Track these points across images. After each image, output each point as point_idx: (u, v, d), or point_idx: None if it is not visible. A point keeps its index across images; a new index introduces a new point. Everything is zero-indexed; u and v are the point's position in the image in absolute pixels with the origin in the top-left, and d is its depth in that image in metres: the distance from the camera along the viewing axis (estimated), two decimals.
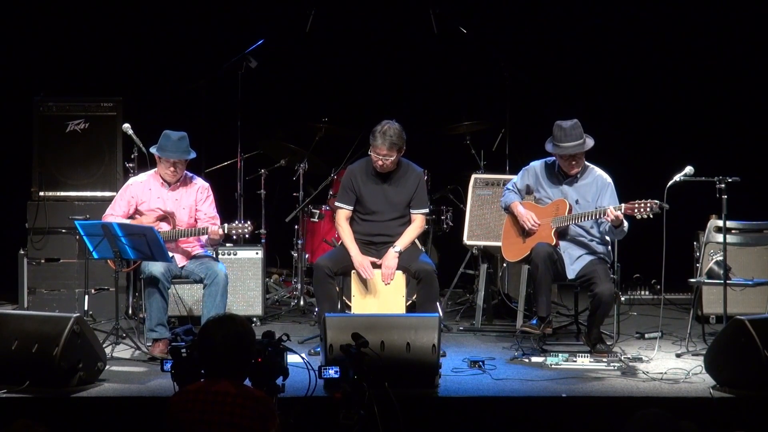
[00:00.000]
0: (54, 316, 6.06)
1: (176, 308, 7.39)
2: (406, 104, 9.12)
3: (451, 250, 8.44)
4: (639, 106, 9.41)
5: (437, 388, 5.81)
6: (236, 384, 4.12)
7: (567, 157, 6.67)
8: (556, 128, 6.66)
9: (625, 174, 7.24)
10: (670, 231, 6.47)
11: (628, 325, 7.54)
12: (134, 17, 9.05)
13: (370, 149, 6.85)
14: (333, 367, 4.82)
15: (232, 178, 8.41)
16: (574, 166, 6.71)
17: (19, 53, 8.92)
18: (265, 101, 9.20)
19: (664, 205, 6.34)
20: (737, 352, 5.72)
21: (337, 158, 8.44)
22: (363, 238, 6.91)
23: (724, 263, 6.74)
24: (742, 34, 9.14)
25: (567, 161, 6.69)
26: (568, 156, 6.66)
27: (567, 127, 6.62)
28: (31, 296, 7.89)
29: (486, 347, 6.95)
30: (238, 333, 4.18)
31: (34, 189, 7.94)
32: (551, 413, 5.63)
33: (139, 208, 6.91)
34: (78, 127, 7.97)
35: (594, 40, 9.27)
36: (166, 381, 5.29)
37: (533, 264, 6.62)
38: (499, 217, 7.44)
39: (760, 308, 7.26)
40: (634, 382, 6.00)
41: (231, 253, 7.81)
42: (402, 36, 9.26)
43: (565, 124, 6.64)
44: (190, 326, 6.95)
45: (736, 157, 8.60)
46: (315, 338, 6.89)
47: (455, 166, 8.72)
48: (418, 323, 5.89)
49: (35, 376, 5.68)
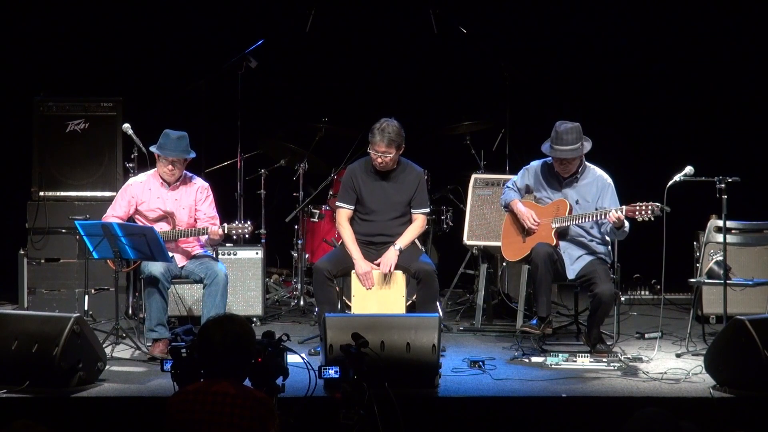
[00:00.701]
0: (54, 316, 6.06)
1: (176, 308, 7.39)
2: (406, 104, 9.12)
3: (451, 250, 8.44)
4: (639, 106, 9.41)
5: (437, 388, 5.81)
6: (236, 384, 4.12)
7: (559, 159, 6.68)
8: (553, 130, 6.66)
9: (625, 174, 7.25)
10: (670, 231, 6.47)
11: (628, 325, 7.54)
12: (134, 17, 9.05)
13: (369, 147, 6.85)
14: (333, 367, 4.82)
15: (232, 178, 8.41)
16: (566, 170, 6.71)
17: (19, 53, 8.92)
18: (265, 101, 9.20)
19: (665, 208, 6.34)
20: (737, 352, 5.72)
21: (337, 158, 8.44)
22: (363, 238, 6.91)
23: (724, 263, 6.74)
24: (742, 34, 9.14)
25: (558, 163, 6.71)
26: (561, 159, 6.67)
27: (562, 131, 6.61)
28: (31, 296, 7.89)
29: (486, 347, 6.95)
30: (238, 333, 4.18)
31: (34, 189, 7.93)
32: (551, 413, 5.63)
33: (139, 208, 6.91)
34: (78, 127, 7.97)
35: (594, 40, 9.27)
36: (166, 381, 5.29)
37: (533, 264, 6.62)
38: (499, 217, 7.44)
39: (760, 308, 7.25)
40: (634, 382, 6.00)
41: (231, 253, 7.81)
42: (402, 36, 9.26)
43: (561, 128, 6.62)
44: (190, 326, 6.94)
45: (736, 157, 8.60)
46: (315, 338, 6.89)
47: (455, 166, 8.72)
48: (418, 323, 5.89)
49: (35, 376, 5.68)
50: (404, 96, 9.33)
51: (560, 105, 9.06)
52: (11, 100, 8.71)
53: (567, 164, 6.69)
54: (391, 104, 8.83)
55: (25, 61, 8.91)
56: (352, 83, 9.40)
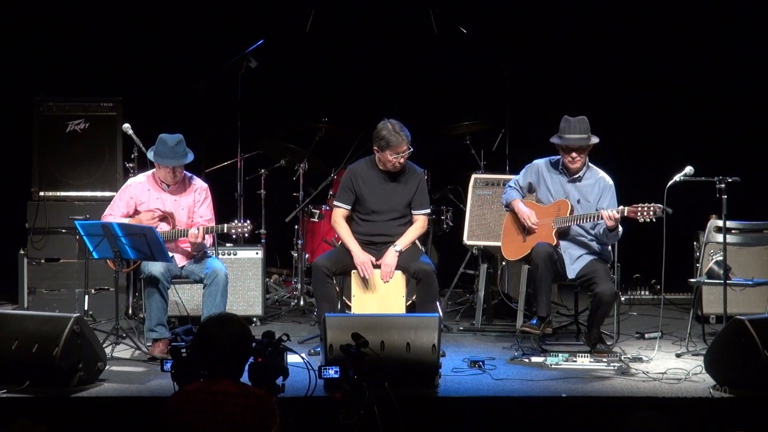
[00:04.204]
0: (54, 316, 6.06)
1: (176, 308, 7.38)
2: (406, 104, 9.11)
3: (451, 250, 8.44)
4: (639, 106, 9.41)
5: (437, 388, 5.81)
6: (237, 383, 4.13)
7: (569, 150, 6.67)
8: (563, 121, 6.70)
9: (625, 174, 7.25)
10: (670, 231, 6.47)
11: (628, 325, 7.54)
12: (134, 17, 9.04)
13: (381, 155, 6.77)
14: (333, 367, 4.82)
15: (232, 178, 8.41)
16: (576, 162, 6.70)
17: (19, 53, 8.92)
18: (265, 101, 9.20)
19: (667, 210, 6.34)
20: (737, 352, 5.72)
21: (337, 158, 8.44)
22: (363, 239, 6.90)
23: (724, 263, 6.74)
24: (742, 34, 9.14)
25: (569, 154, 6.69)
26: (570, 149, 6.66)
27: (573, 120, 6.66)
28: (31, 296, 7.89)
29: (486, 347, 6.95)
30: (239, 332, 4.19)
31: (34, 189, 7.93)
32: (551, 413, 5.63)
33: (138, 208, 6.91)
34: (78, 127, 7.97)
35: (594, 40, 9.27)
36: (166, 381, 5.29)
37: (533, 264, 6.62)
38: (499, 217, 7.44)
39: (760, 308, 7.25)
40: (634, 382, 6.00)
41: (231, 253, 7.81)
42: (402, 36, 9.26)
43: (572, 118, 6.68)
44: (190, 326, 6.95)
45: (736, 157, 8.60)
46: (315, 338, 6.88)
47: (455, 166, 8.72)
48: (418, 323, 5.89)
49: (35, 376, 5.68)
50: (404, 96, 9.32)
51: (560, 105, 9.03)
52: (11, 100, 8.71)
53: (578, 155, 6.67)
54: (391, 104, 8.83)
55: (25, 61, 8.90)
56: (352, 83, 9.40)
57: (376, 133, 6.79)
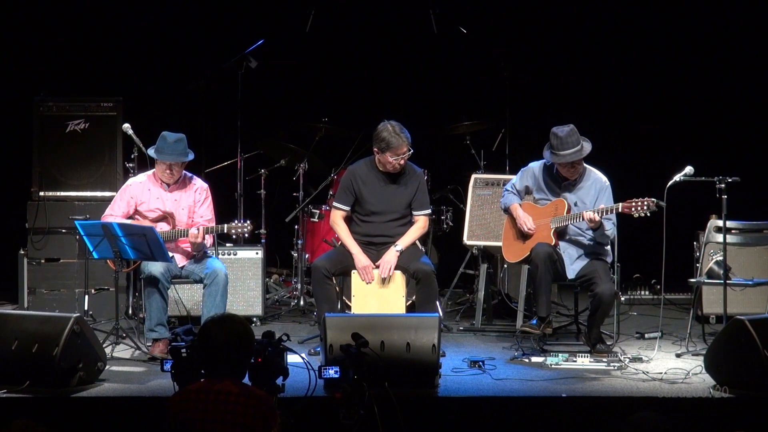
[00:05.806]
0: (54, 316, 6.06)
1: (176, 308, 7.39)
2: (406, 104, 9.12)
3: (451, 250, 8.43)
4: (639, 106, 9.40)
5: (437, 388, 5.81)
6: (238, 383, 4.13)
7: (566, 164, 6.66)
8: (552, 137, 6.64)
9: (625, 174, 7.25)
10: (670, 231, 6.47)
11: (628, 325, 7.54)
12: (134, 17, 9.04)
13: (381, 156, 6.76)
14: (333, 367, 4.82)
15: (232, 178, 8.41)
16: (575, 172, 6.71)
17: (19, 53, 8.92)
18: (265, 101, 9.20)
19: (661, 203, 6.34)
20: (737, 352, 5.72)
21: (337, 158, 8.44)
22: (363, 239, 6.90)
23: (724, 263, 6.74)
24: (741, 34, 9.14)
25: (566, 168, 6.69)
26: (567, 163, 6.66)
27: (563, 135, 6.60)
28: (31, 296, 7.89)
29: (486, 347, 6.95)
30: (240, 332, 4.19)
31: (34, 189, 7.93)
32: (551, 413, 5.62)
33: (139, 208, 6.91)
34: (78, 127, 7.97)
35: (594, 40, 9.27)
36: (166, 381, 5.29)
37: (533, 264, 6.62)
38: (499, 217, 7.44)
39: (760, 308, 7.25)
40: (634, 382, 6.00)
41: (231, 253, 7.81)
42: (402, 36, 9.26)
43: (561, 132, 6.61)
44: (190, 326, 6.91)
45: (736, 157, 8.60)
46: (315, 338, 6.88)
47: (455, 166, 8.72)
48: (418, 323, 5.89)
49: (35, 376, 5.68)
50: (404, 96, 9.33)
51: (560, 105, 9.06)
52: (11, 100, 8.71)
53: (576, 165, 6.66)
54: (391, 104, 8.84)
55: (25, 61, 8.90)
56: (352, 83, 9.40)
57: (376, 135, 6.78)
